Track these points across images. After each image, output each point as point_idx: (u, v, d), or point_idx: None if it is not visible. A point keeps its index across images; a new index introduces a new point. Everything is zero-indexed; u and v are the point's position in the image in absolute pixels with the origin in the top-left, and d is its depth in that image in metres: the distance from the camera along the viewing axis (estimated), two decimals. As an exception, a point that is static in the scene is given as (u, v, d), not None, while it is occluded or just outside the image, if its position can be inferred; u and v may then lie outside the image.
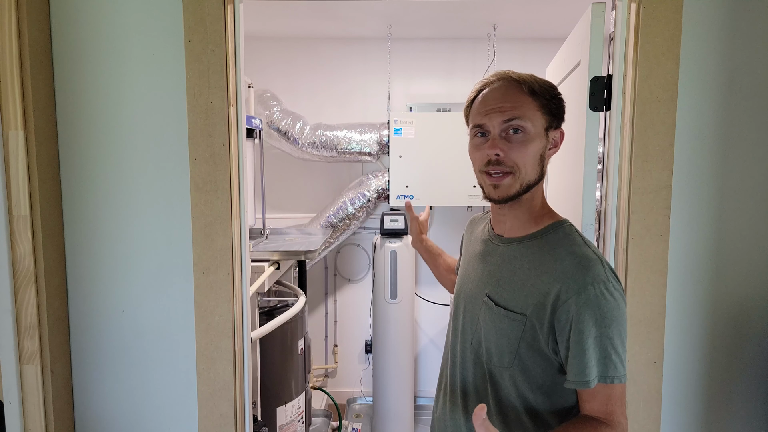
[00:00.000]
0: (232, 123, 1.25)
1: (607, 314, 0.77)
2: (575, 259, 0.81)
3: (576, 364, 0.78)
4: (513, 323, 0.84)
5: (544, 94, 0.86)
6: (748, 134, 1.24)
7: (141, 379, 1.32)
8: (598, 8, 1.32)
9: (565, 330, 0.79)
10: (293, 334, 2.04)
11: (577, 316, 0.77)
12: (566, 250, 0.83)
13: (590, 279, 0.78)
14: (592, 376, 0.77)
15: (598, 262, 0.80)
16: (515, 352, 0.84)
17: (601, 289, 0.77)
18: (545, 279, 0.82)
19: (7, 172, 1.15)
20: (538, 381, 0.84)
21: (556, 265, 0.82)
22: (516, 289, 0.85)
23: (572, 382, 0.79)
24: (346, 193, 2.84)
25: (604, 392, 0.78)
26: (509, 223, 0.92)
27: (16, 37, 1.13)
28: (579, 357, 0.77)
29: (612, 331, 0.77)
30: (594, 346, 0.77)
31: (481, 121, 0.87)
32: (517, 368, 0.84)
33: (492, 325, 0.88)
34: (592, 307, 0.77)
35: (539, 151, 0.86)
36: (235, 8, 1.25)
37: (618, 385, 0.78)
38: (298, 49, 3.01)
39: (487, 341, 0.89)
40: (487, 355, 0.89)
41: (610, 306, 0.77)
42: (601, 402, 0.79)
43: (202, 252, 1.26)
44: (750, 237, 1.26)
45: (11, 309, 1.17)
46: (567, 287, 0.79)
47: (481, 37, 2.93)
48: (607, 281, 0.78)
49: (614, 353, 0.77)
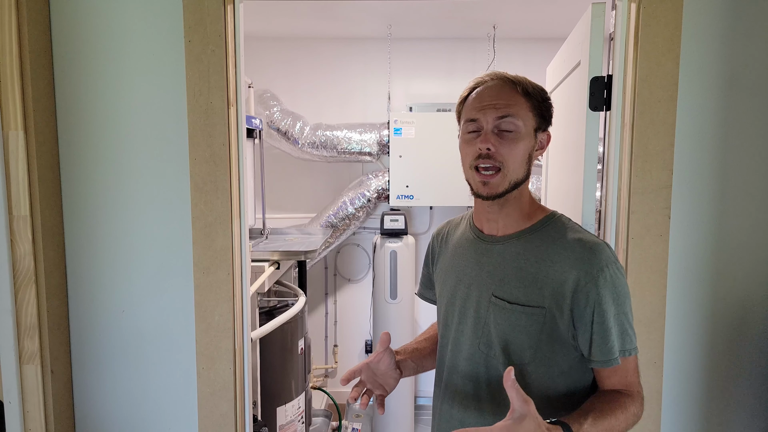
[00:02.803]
0: (232, 123, 1.25)
1: (621, 292, 0.83)
2: (585, 245, 0.85)
3: (602, 344, 0.82)
4: (532, 317, 0.85)
5: (537, 96, 0.89)
6: (748, 134, 1.24)
7: (141, 379, 1.32)
8: (598, 8, 1.32)
9: (585, 313, 0.82)
10: (293, 334, 2.04)
11: (599, 297, 0.81)
12: (572, 238, 0.86)
13: (604, 262, 0.82)
14: (616, 354, 0.82)
15: (604, 245, 0.85)
16: (535, 346, 0.85)
17: (614, 270, 0.83)
18: (558, 268, 0.84)
19: (7, 172, 1.15)
20: (559, 368, 0.86)
21: (567, 253, 0.85)
22: (528, 284, 0.86)
23: (599, 361, 0.83)
24: (346, 193, 2.84)
25: (624, 365, 0.84)
26: (502, 222, 0.93)
27: (16, 37, 1.13)
28: (604, 337, 0.82)
29: (626, 307, 0.83)
30: (614, 324, 0.82)
31: (475, 115, 0.88)
32: (538, 361, 0.86)
33: (507, 323, 0.87)
34: (610, 288, 0.82)
35: (528, 150, 0.89)
36: (235, 8, 1.25)
37: (633, 357, 0.84)
38: (298, 49, 3.01)
39: (502, 341, 0.88)
40: (503, 355, 0.88)
41: (622, 284, 0.83)
42: (621, 375, 0.84)
43: (202, 252, 1.26)
44: (750, 237, 1.26)
45: (11, 309, 1.17)
46: (584, 272, 0.82)
47: (481, 37, 2.93)
48: (616, 261, 0.84)
49: (629, 327, 0.84)
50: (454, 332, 0.96)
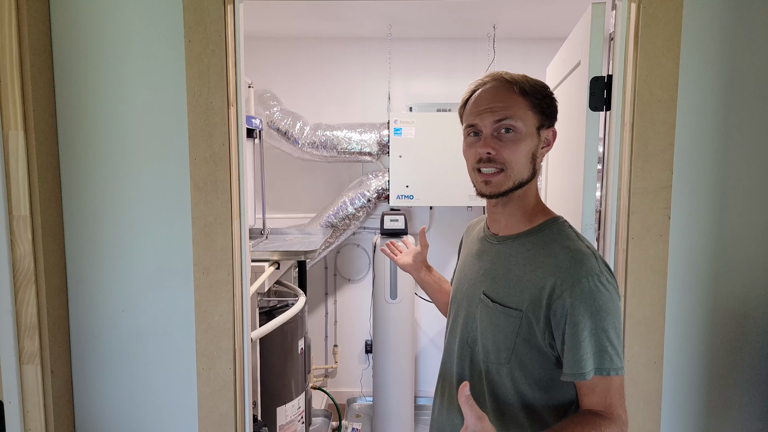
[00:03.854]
0: (232, 123, 1.25)
1: (601, 307, 0.78)
2: (569, 254, 0.83)
3: (572, 357, 0.79)
4: (509, 319, 0.85)
5: (536, 93, 0.88)
6: (748, 134, 1.24)
7: (141, 379, 1.32)
8: (598, 8, 1.32)
9: (560, 323, 0.80)
10: (293, 334, 2.04)
11: (572, 309, 0.78)
12: (560, 245, 0.85)
13: (584, 272, 0.79)
14: (588, 368, 0.78)
15: (592, 256, 0.82)
16: (512, 348, 0.85)
17: (595, 282, 0.79)
18: (539, 274, 0.83)
19: (7, 172, 1.15)
20: (536, 376, 0.85)
21: (550, 260, 0.83)
22: (512, 286, 0.87)
23: (568, 374, 0.80)
24: (346, 193, 2.84)
25: (602, 385, 0.79)
26: (504, 222, 0.94)
27: (16, 37, 1.13)
28: (575, 349, 0.78)
29: (607, 324, 0.78)
30: (590, 339, 0.78)
31: (473, 121, 0.89)
32: (515, 364, 0.86)
33: (489, 322, 0.89)
34: (587, 300, 0.78)
35: (531, 149, 0.88)
36: (235, 8, 1.25)
37: (615, 377, 0.79)
38: (298, 49, 3.01)
39: (483, 338, 0.90)
40: (483, 352, 0.90)
41: (604, 299, 0.78)
42: (599, 395, 0.80)
43: (202, 252, 1.26)
44: (750, 237, 1.26)
45: (11, 309, 1.17)
46: (561, 281, 0.80)
47: (481, 37, 2.93)
48: (601, 274, 0.80)
49: (610, 345, 0.78)
50: (452, 324, 1.01)
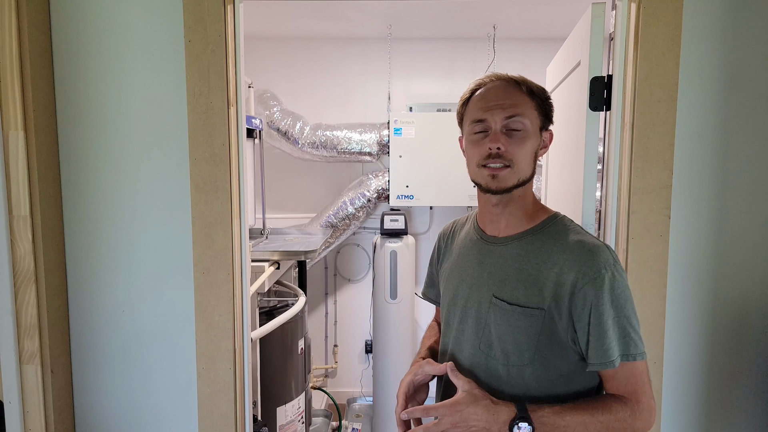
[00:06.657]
0: (232, 123, 1.25)
1: (620, 295, 0.82)
2: (584, 247, 0.85)
3: (599, 346, 0.81)
4: (530, 319, 0.85)
5: (540, 95, 0.91)
6: (748, 134, 1.24)
7: (141, 379, 1.32)
8: (598, 8, 1.32)
9: (583, 315, 0.82)
10: (293, 334, 2.04)
11: (595, 300, 0.81)
12: (571, 240, 0.87)
13: (602, 264, 0.82)
14: (615, 356, 0.81)
15: (604, 247, 0.85)
16: (534, 347, 0.86)
17: (612, 272, 0.82)
18: (558, 270, 0.85)
19: (7, 172, 1.15)
20: (560, 371, 0.86)
21: (566, 255, 0.85)
22: (528, 285, 0.87)
23: (596, 364, 0.82)
24: (346, 193, 2.84)
25: (625, 371, 0.82)
26: (504, 222, 0.93)
27: (16, 37, 1.13)
28: (601, 339, 0.81)
29: (628, 310, 0.82)
30: (614, 328, 0.81)
31: (483, 116, 0.89)
32: (538, 363, 0.86)
33: (507, 324, 0.88)
34: (607, 291, 0.81)
35: (534, 148, 0.90)
36: (235, 8, 1.25)
37: (639, 362, 0.82)
38: (298, 49, 3.01)
39: (502, 342, 0.88)
40: (503, 356, 0.88)
41: (622, 287, 0.82)
42: (621, 381, 0.83)
43: (202, 252, 1.26)
44: (750, 237, 1.26)
45: (11, 309, 1.17)
46: (582, 274, 0.82)
47: (481, 37, 2.93)
48: (616, 263, 0.84)
49: (632, 331, 0.82)
50: (455, 332, 0.97)
